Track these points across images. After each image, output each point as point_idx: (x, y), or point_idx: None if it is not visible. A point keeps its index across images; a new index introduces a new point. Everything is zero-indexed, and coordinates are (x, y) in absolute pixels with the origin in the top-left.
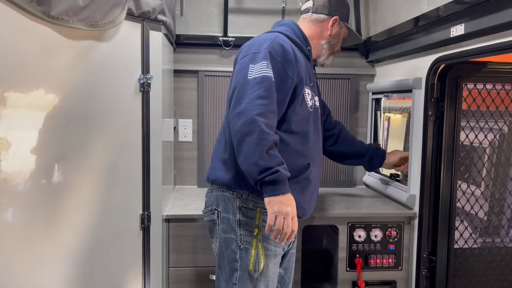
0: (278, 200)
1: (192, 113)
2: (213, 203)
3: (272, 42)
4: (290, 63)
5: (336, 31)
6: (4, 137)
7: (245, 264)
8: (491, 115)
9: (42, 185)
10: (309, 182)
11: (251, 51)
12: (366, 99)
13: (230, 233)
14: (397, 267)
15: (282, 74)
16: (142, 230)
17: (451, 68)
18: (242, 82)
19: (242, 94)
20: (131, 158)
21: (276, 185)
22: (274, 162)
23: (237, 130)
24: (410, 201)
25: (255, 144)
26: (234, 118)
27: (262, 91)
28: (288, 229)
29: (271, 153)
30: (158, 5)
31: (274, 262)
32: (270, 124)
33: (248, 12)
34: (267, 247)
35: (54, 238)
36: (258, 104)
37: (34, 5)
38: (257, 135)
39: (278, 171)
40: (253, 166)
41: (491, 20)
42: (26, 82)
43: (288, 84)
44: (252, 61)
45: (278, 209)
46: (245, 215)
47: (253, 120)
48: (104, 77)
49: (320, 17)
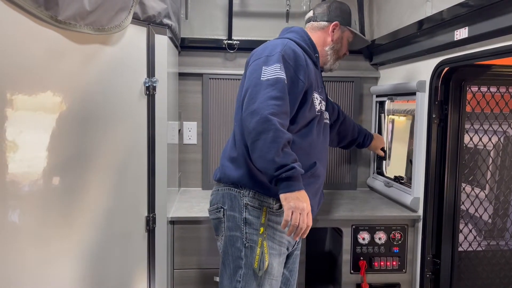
0: (294, 196)
1: (196, 115)
2: (219, 201)
3: (285, 47)
4: (302, 67)
5: (338, 36)
6: (13, 139)
7: (250, 262)
8: (495, 118)
9: (51, 187)
10: (316, 179)
11: (264, 54)
12: (370, 101)
13: (235, 231)
14: (401, 270)
15: (293, 78)
16: (147, 232)
17: (455, 71)
18: (255, 83)
19: (255, 94)
20: (136, 160)
21: (291, 181)
22: (289, 159)
23: (251, 128)
24: (414, 204)
25: (270, 142)
26: (248, 116)
27: (276, 92)
28: (304, 224)
29: (286, 151)
30: (164, 9)
31: (279, 261)
32: (283, 124)
33: (252, 15)
34: (272, 246)
35: (63, 239)
36: (272, 105)
37: (42, 10)
38: (273, 133)
39: (294, 168)
40: (269, 163)
41: (494, 24)
42: (34, 86)
43: (299, 88)
44: (265, 64)
45: (294, 205)
46: (251, 214)
47: (267, 118)
48: (110, 81)
49: (321, 24)
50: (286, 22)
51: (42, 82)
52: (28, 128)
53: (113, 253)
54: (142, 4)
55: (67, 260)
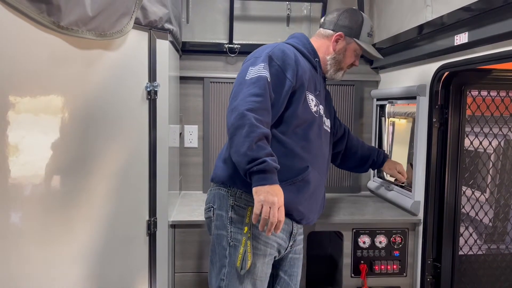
0: (264, 190)
1: (197, 119)
2: (210, 200)
3: (274, 48)
4: (289, 66)
5: (342, 47)
6: (16, 143)
7: (233, 261)
8: (495, 122)
9: (53, 191)
10: (306, 185)
11: (254, 56)
12: (370, 105)
13: (222, 230)
14: (402, 274)
15: (280, 76)
16: (148, 236)
17: (455, 75)
18: (239, 82)
19: (238, 92)
20: (138, 164)
21: (263, 174)
22: (262, 153)
23: (230, 124)
24: (415, 207)
25: (244, 136)
26: (228, 114)
27: (256, 89)
28: (274, 219)
29: (260, 145)
30: (165, 14)
31: (263, 262)
32: (261, 120)
33: (253, 19)
34: (256, 246)
35: (64, 243)
36: (250, 101)
37: (44, 16)
38: (247, 128)
39: (265, 161)
40: (241, 156)
41: (494, 29)
42: (37, 90)
43: (286, 87)
44: (252, 64)
45: (264, 198)
46: (237, 213)
47: (243, 114)
48: (112, 85)
49: (326, 32)
50: (287, 26)
51: (45, 87)
52: (31, 132)
53: (114, 257)
54: (144, 9)
55: (69, 263)
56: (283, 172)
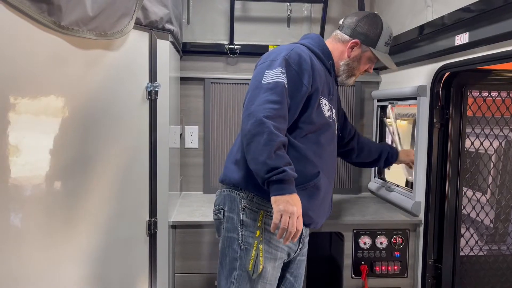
0: (284, 199)
1: (198, 120)
2: (220, 202)
3: (291, 51)
4: (306, 71)
5: (357, 54)
6: (17, 144)
7: (244, 264)
8: (496, 122)
9: (53, 192)
10: (318, 190)
11: (269, 58)
12: (371, 106)
13: (233, 233)
14: (403, 275)
15: (296, 81)
16: (148, 237)
17: (455, 76)
18: (256, 86)
19: (254, 97)
20: (138, 164)
21: (282, 184)
22: (281, 162)
23: (247, 130)
24: (416, 208)
25: (263, 144)
26: (245, 119)
27: (274, 96)
28: (293, 228)
29: (279, 153)
30: (166, 14)
31: (274, 265)
32: (279, 127)
33: (254, 20)
34: (268, 250)
35: (64, 243)
36: (268, 108)
37: (45, 15)
38: (266, 136)
39: (285, 171)
40: (261, 165)
41: (495, 29)
42: (37, 90)
43: (302, 92)
44: (268, 67)
45: (283, 208)
46: (249, 216)
47: (262, 121)
48: (113, 85)
49: (343, 36)
50: (288, 27)
51: (45, 87)
52: (31, 133)
53: (115, 257)
54: (145, 9)
55: (69, 264)
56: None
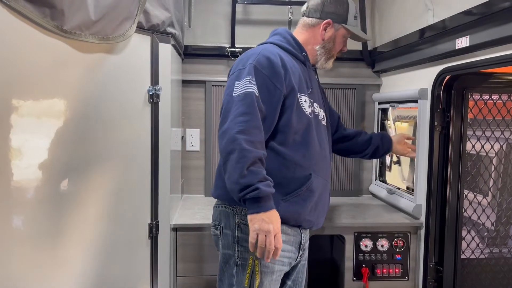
0: (259, 217)
1: (199, 122)
2: (217, 218)
3: (258, 56)
4: (277, 74)
5: (331, 35)
6: (18, 146)
7: (241, 280)
8: (497, 125)
9: (55, 194)
10: (312, 193)
11: (238, 68)
12: (372, 108)
13: (228, 249)
14: (404, 277)
15: (269, 86)
16: (150, 239)
17: (456, 79)
18: (227, 100)
19: (227, 112)
20: (140, 167)
21: (257, 202)
22: (254, 179)
23: (222, 149)
24: (417, 211)
25: (235, 162)
26: (220, 137)
27: (245, 108)
28: (270, 247)
29: (252, 170)
30: (167, 18)
31: (272, 279)
32: (252, 140)
33: (255, 23)
34: (264, 264)
35: (65, 246)
36: (239, 121)
37: (48, 20)
38: (237, 153)
39: (258, 189)
40: (234, 184)
41: (496, 33)
42: (40, 94)
43: (277, 96)
44: (237, 78)
45: (259, 227)
46: (243, 232)
47: (234, 138)
48: (115, 89)
49: (312, 21)
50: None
51: (48, 90)
52: (33, 135)
53: (116, 259)
54: (146, 13)
55: (70, 266)
56: (287, 185)
